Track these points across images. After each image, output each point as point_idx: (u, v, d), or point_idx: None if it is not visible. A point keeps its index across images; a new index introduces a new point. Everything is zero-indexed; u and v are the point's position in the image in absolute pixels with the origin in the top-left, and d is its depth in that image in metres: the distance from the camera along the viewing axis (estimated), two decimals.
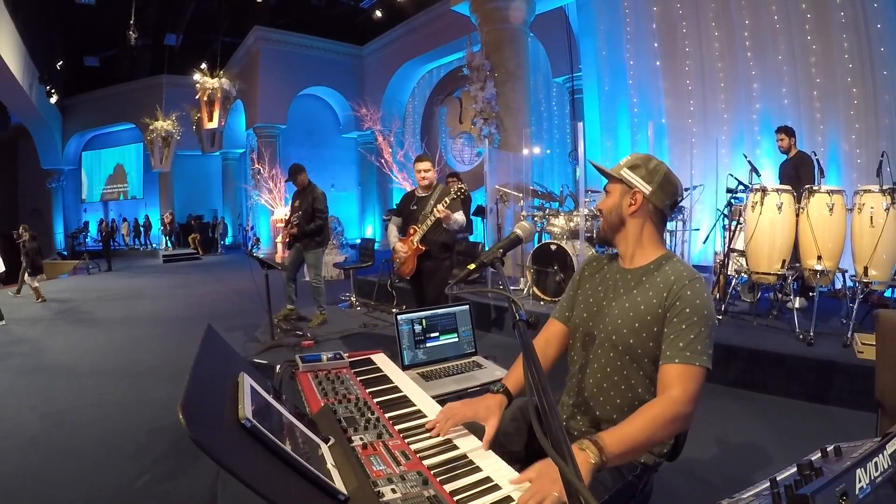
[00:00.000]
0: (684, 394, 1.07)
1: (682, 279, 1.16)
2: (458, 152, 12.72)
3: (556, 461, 0.72)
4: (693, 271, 1.19)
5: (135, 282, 10.23)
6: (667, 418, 1.05)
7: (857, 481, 0.63)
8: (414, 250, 3.50)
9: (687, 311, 1.12)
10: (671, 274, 1.18)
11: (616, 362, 1.21)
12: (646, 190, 1.23)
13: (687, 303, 1.13)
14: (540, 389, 0.80)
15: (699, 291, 1.14)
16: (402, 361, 2.09)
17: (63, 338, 5.23)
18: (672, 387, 1.08)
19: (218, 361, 1.02)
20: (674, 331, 1.12)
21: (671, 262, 1.22)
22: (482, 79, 7.49)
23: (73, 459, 2.51)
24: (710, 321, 1.13)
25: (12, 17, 10.60)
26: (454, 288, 1.39)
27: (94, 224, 18.42)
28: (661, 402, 1.08)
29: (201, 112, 13.92)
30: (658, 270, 1.22)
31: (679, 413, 1.06)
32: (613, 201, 1.27)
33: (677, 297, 1.14)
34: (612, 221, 1.27)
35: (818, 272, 3.35)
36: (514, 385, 1.27)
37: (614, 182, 1.28)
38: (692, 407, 1.09)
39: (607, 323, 1.23)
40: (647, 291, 1.20)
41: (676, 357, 1.10)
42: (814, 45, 5.24)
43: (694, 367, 1.09)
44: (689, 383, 1.08)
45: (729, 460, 2.29)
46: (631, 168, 1.26)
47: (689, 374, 1.08)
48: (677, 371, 1.09)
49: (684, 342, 1.10)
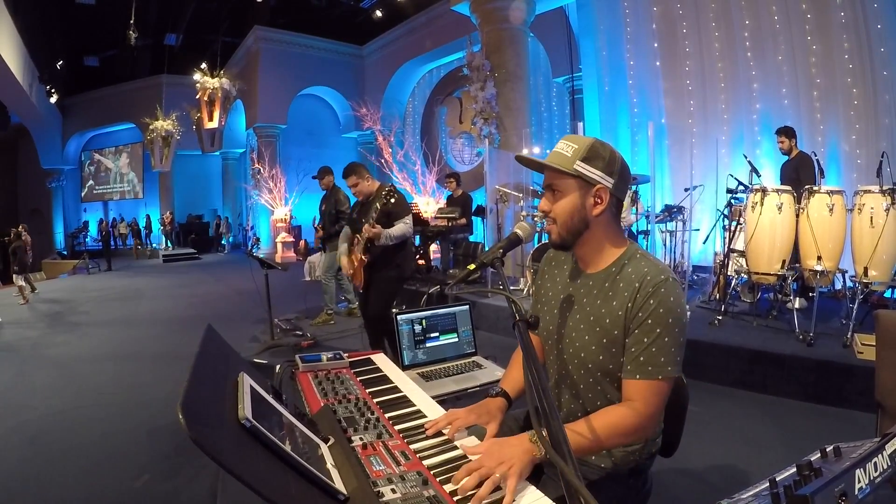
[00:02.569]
0: (646, 409, 1.03)
1: (646, 285, 1.04)
2: (458, 152, 12.72)
3: (556, 461, 0.72)
4: (657, 269, 1.06)
5: (135, 281, 10.23)
6: (624, 430, 1.03)
7: (856, 482, 0.63)
8: (359, 262, 3.25)
9: (649, 323, 1.03)
10: (635, 279, 1.06)
11: (588, 379, 1.14)
12: (608, 184, 1.08)
13: (649, 313, 1.03)
14: (540, 389, 0.80)
15: (663, 298, 1.03)
16: (402, 361, 2.10)
17: (63, 338, 5.23)
18: (633, 401, 1.04)
19: (218, 361, 1.02)
20: (635, 343, 1.05)
21: (633, 261, 1.10)
22: (482, 79, 7.49)
23: (73, 459, 2.51)
24: (676, 326, 1.03)
25: (12, 17, 10.61)
26: (454, 288, 1.38)
27: (94, 224, 18.43)
28: (622, 412, 1.04)
29: (201, 112, 13.93)
30: (620, 273, 1.10)
31: (638, 426, 1.03)
32: (571, 203, 1.09)
33: (640, 307, 1.04)
34: (575, 226, 1.10)
35: (818, 272, 3.35)
36: (512, 387, 1.26)
37: (565, 177, 1.09)
38: (653, 422, 1.06)
39: (574, 339, 1.15)
40: (610, 301, 1.09)
41: (637, 372, 1.04)
42: (814, 45, 5.23)
43: (656, 381, 1.02)
44: (652, 398, 1.03)
45: (729, 460, 2.29)
46: (586, 160, 1.07)
47: (651, 389, 1.03)
48: (639, 387, 1.04)
49: (646, 356, 1.03)
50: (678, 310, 1.04)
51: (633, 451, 1.15)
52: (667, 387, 1.04)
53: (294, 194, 13.13)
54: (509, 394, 1.24)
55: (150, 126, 14.87)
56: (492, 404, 1.19)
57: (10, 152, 19.23)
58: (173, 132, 15.02)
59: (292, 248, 13.29)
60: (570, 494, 0.69)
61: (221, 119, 14.04)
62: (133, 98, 16.93)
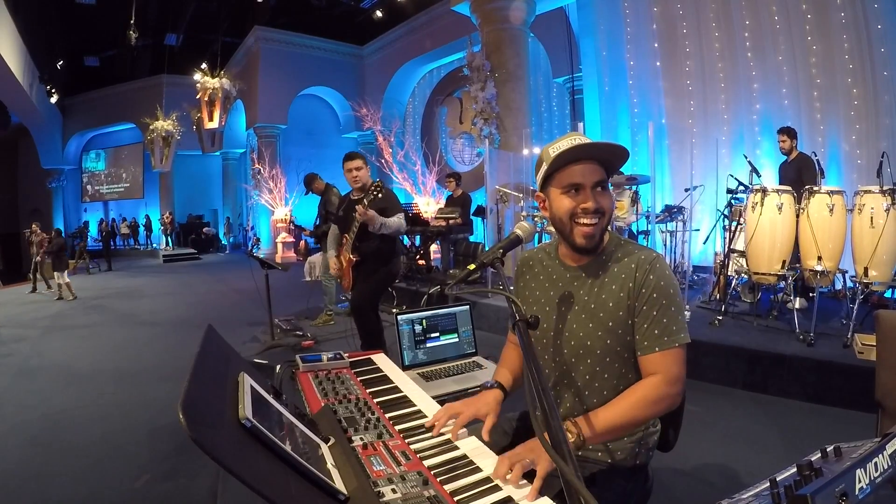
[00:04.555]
0: (670, 375, 1.07)
1: (643, 264, 1.11)
2: (459, 152, 12.72)
3: (555, 461, 0.72)
4: (646, 250, 1.15)
5: (135, 281, 10.23)
6: (652, 399, 1.07)
7: (856, 482, 0.63)
8: (347, 262, 3.15)
9: (654, 297, 1.09)
10: (629, 261, 1.13)
11: (595, 368, 1.14)
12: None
13: (652, 287, 1.09)
14: (540, 389, 0.80)
15: (660, 272, 1.11)
16: (402, 361, 2.10)
17: (63, 338, 5.24)
18: (657, 373, 1.08)
19: (218, 361, 1.01)
20: (646, 319, 1.09)
21: (620, 247, 1.17)
22: (482, 79, 7.49)
23: (73, 459, 2.51)
24: (677, 295, 1.11)
25: (12, 17, 10.61)
26: (454, 288, 1.37)
27: (95, 224, 18.43)
28: (649, 383, 1.09)
29: (201, 112, 13.93)
30: (612, 259, 1.15)
31: (666, 393, 1.07)
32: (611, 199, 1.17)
33: (642, 284, 1.10)
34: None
35: (818, 273, 3.35)
36: (506, 379, 1.27)
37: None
38: (680, 386, 1.10)
39: (575, 331, 1.15)
40: (608, 286, 1.13)
41: (656, 346, 1.08)
42: (814, 45, 5.23)
43: (674, 349, 1.08)
44: (674, 365, 1.08)
45: (729, 460, 2.29)
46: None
47: (671, 357, 1.08)
48: (659, 358, 1.08)
49: (659, 328, 1.08)
50: (673, 281, 1.12)
51: (633, 441, 1.16)
52: (684, 353, 1.10)
53: (294, 194, 13.14)
54: (504, 386, 1.25)
55: (150, 126, 14.88)
56: (489, 396, 1.21)
57: (10, 152, 19.23)
58: (173, 132, 15.03)
59: (292, 248, 13.30)
60: (570, 494, 0.69)
61: (221, 119, 14.04)
62: (133, 98, 16.92)
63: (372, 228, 2.97)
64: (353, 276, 3.23)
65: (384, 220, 2.99)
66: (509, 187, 6.07)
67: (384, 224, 2.99)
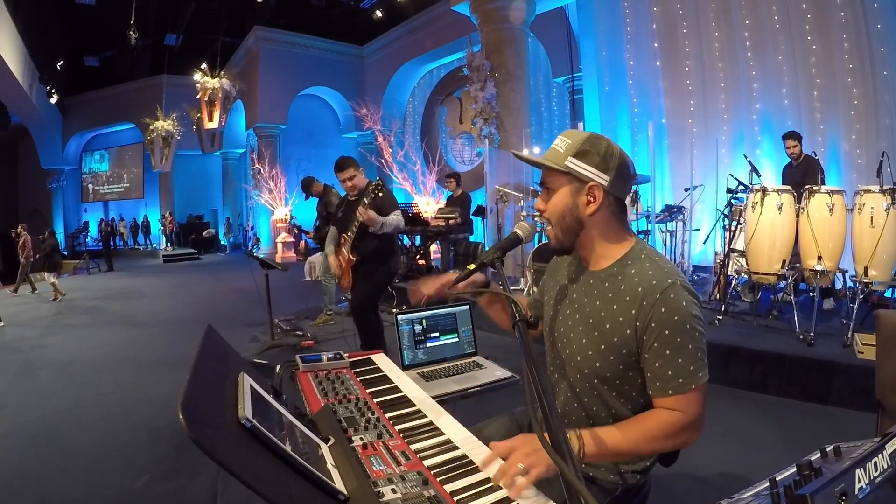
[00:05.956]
0: (692, 417, 0.98)
1: (652, 291, 0.97)
2: (459, 152, 12.72)
3: (556, 461, 0.72)
4: (663, 272, 1.00)
5: (135, 282, 10.23)
6: (670, 435, 0.99)
7: (856, 481, 0.63)
8: (347, 262, 3.17)
9: (667, 334, 0.96)
10: (638, 283, 1.00)
11: (584, 384, 1.08)
12: (603, 182, 1.01)
13: (664, 323, 0.96)
14: (540, 389, 0.80)
15: (674, 303, 0.96)
16: (402, 361, 2.09)
17: (63, 338, 5.24)
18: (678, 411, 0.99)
19: (218, 361, 1.01)
20: (658, 358, 0.97)
21: (637, 263, 1.03)
22: (482, 79, 7.48)
23: (73, 459, 2.51)
24: (696, 331, 0.97)
25: (12, 17, 10.60)
26: (454, 288, 1.36)
27: (95, 224, 18.43)
28: (667, 419, 0.98)
29: (201, 112, 13.93)
30: (622, 274, 1.03)
31: (688, 437, 1.00)
32: (563, 201, 1.04)
33: (650, 317, 0.97)
34: (568, 226, 1.06)
35: (818, 272, 3.35)
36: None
37: (557, 175, 1.04)
38: (700, 429, 1.01)
39: (571, 340, 1.10)
40: (610, 304, 1.03)
41: (669, 388, 0.97)
42: (814, 45, 5.23)
43: (689, 392, 0.97)
44: (691, 407, 0.97)
45: (729, 460, 2.29)
46: (578, 156, 1.01)
47: (687, 400, 0.97)
48: (674, 402, 0.98)
49: (673, 369, 0.96)
50: (693, 312, 0.98)
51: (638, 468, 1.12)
52: (702, 392, 0.98)
53: (294, 194, 13.14)
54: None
55: (150, 126, 14.88)
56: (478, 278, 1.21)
57: (10, 152, 19.24)
58: (173, 132, 15.03)
59: (292, 248, 13.30)
60: (570, 494, 0.69)
61: (221, 119, 14.04)
62: (133, 98, 16.92)
63: (373, 229, 2.99)
64: (352, 277, 3.25)
65: (384, 220, 3.02)
66: (509, 187, 6.07)
67: (384, 223, 3.02)
